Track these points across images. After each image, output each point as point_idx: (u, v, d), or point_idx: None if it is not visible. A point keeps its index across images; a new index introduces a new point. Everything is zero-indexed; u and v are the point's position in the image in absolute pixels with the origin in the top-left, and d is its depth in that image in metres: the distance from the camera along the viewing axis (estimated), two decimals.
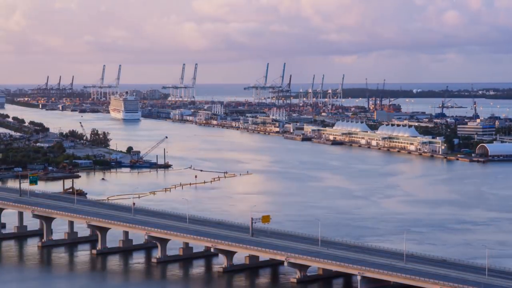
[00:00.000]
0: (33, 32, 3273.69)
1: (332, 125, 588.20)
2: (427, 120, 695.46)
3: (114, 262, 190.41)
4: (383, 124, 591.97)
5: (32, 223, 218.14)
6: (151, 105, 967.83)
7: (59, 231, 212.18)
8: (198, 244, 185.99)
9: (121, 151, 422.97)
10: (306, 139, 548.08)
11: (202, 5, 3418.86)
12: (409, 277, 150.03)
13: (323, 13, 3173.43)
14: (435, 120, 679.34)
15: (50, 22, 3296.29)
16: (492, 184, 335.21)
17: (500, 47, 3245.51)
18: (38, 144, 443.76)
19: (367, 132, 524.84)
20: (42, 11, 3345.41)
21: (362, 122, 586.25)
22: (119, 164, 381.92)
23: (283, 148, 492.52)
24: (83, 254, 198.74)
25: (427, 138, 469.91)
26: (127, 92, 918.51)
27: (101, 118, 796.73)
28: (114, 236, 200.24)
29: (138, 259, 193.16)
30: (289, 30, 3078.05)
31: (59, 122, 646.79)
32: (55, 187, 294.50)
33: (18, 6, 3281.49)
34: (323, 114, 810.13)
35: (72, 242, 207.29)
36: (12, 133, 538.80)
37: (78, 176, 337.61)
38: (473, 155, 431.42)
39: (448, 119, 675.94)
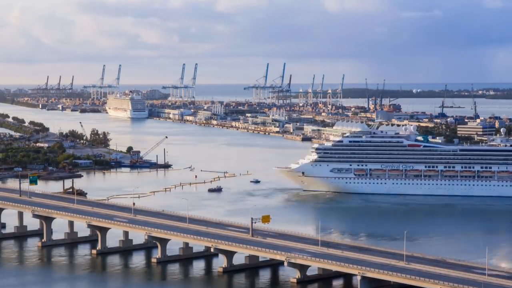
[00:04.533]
0: None
1: (332, 125, 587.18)
2: (427, 120, 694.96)
3: (114, 262, 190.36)
4: (383, 124, 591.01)
5: (32, 223, 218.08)
6: (151, 105, 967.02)
7: (59, 231, 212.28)
8: (198, 244, 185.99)
9: (121, 151, 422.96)
10: (306, 139, 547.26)
11: None
12: (409, 277, 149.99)
13: None
14: (435, 120, 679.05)
15: None
16: None
17: None
18: (38, 144, 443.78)
19: None
20: None
21: (362, 122, 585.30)
22: (119, 164, 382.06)
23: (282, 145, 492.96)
24: (83, 254, 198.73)
25: None
26: (131, 91, 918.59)
27: (103, 118, 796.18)
28: (114, 236, 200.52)
29: (138, 259, 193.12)
30: None
31: (59, 122, 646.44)
32: (55, 187, 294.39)
33: None
34: (323, 114, 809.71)
35: (72, 242, 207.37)
36: (12, 133, 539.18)
37: (80, 176, 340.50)
38: None
39: (448, 119, 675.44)
